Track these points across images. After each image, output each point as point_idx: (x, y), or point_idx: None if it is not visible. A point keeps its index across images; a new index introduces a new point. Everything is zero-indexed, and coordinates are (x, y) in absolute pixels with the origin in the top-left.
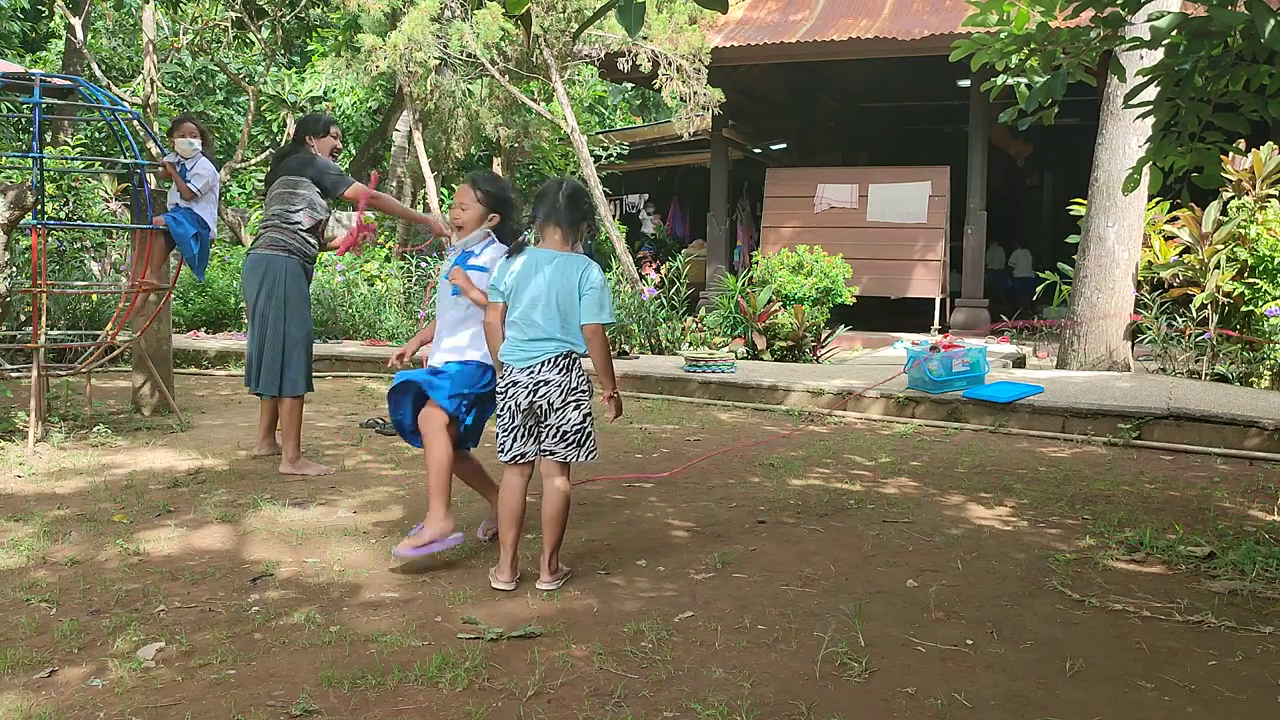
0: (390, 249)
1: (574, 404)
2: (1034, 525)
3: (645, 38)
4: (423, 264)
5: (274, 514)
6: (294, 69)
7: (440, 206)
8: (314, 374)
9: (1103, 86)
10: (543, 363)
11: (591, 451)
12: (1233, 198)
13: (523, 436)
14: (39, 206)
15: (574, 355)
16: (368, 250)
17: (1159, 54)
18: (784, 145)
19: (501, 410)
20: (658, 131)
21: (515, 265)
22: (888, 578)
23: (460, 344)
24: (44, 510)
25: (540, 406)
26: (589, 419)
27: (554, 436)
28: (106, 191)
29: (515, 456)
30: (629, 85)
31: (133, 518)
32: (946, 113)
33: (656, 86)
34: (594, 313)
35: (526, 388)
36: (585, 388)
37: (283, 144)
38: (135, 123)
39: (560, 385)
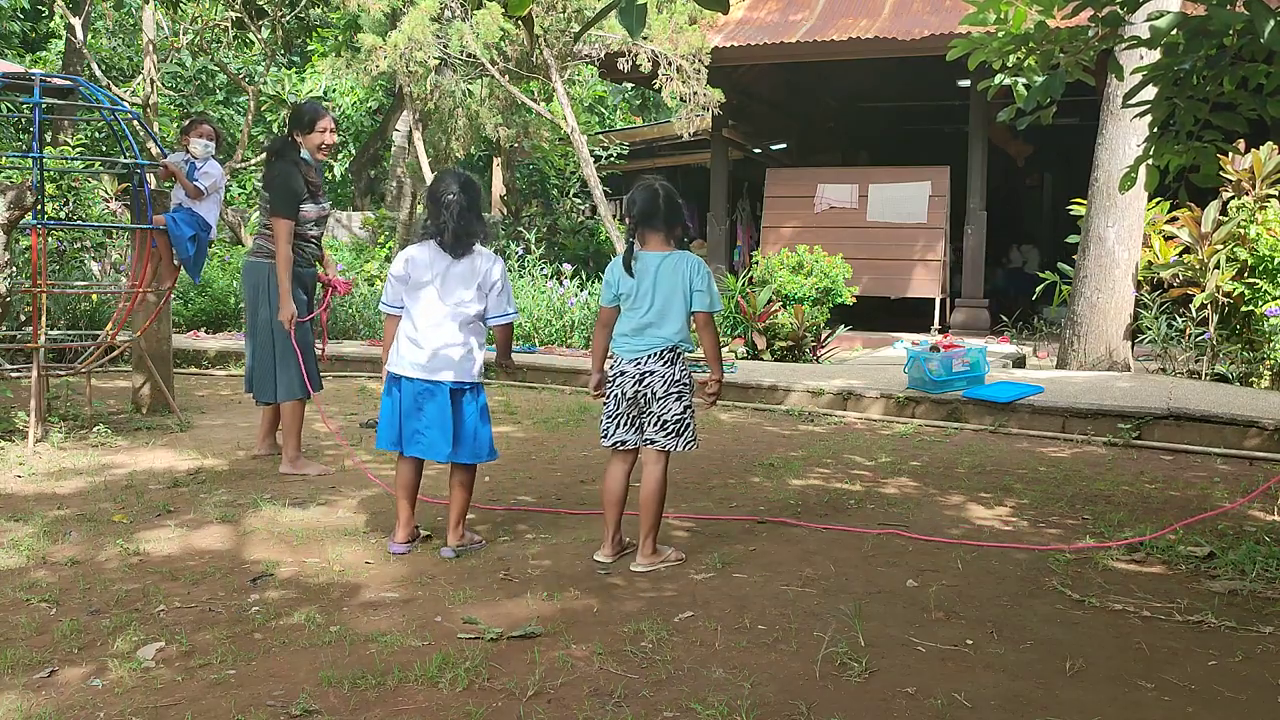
0: (390, 249)
1: (675, 395)
2: (1034, 525)
3: (645, 38)
4: None
5: (274, 514)
6: (294, 69)
7: None
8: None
9: (1102, 86)
10: (649, 355)
11: (690, 443)
12: (1232, 197)
13: (625, 425)
14: (39, 206)
15: (678, 351)
16: (368, 250)
17: (1158, 53)
18: (784, 145)
19: (609, 398)
20: (658, 131)
21: (625, 270)
22: (888, 578)
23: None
24: (44, 510)
25: (645, 396)
26: (689, 411)
27: (656, 425)
28: (106, 191)
29: (616, 443)
30: (629, 85)
31: (133, 518)
32: (946, 113)
33: (656, 86)
34: (706, 302)
35: (634, 378)
36: (688, 382)
37: (274, 138)
38: (135, 123)
39: (665, 376)
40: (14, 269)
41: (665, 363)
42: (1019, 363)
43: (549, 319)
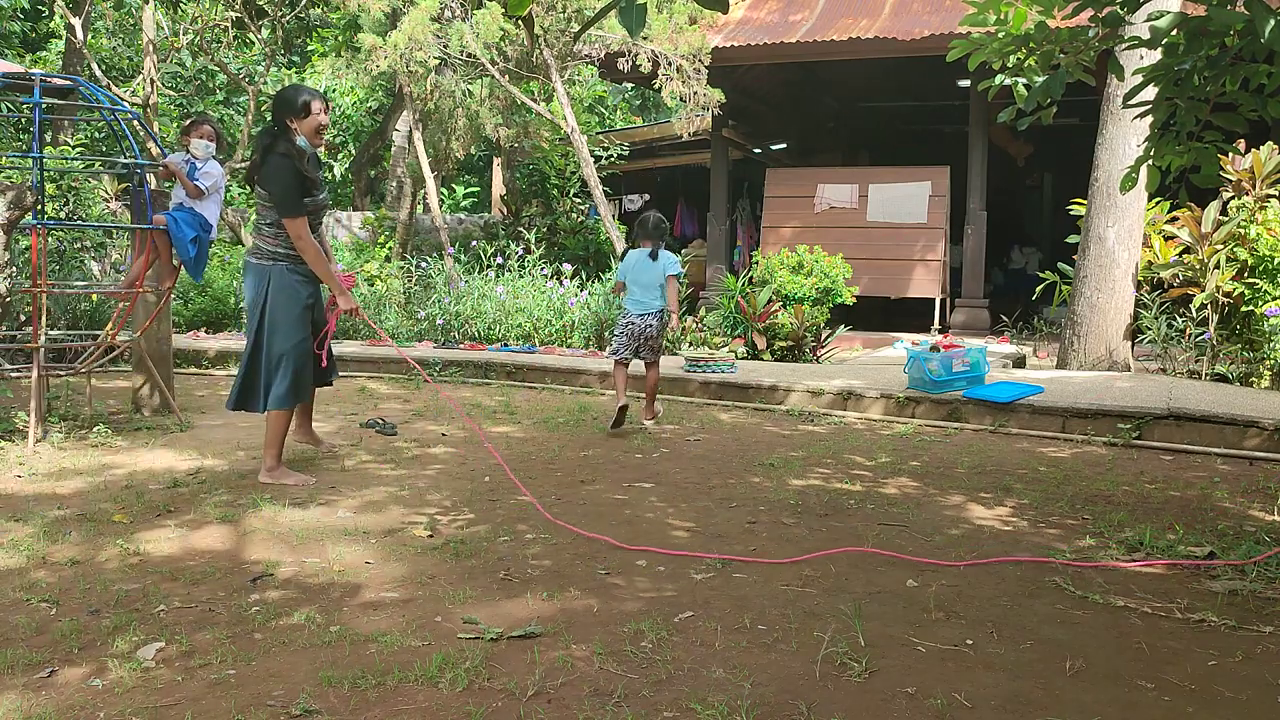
0: (390, 249)
1: (661, 333)
2: (1034, 525)
3: (645, 38)
4: (423, 264)
5: (274, 514)
6: (294, 69)
7: (440, 206)
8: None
9: (1102, 86)
10: (652, 313)
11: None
12: (1233, 198)
13: (631, 348)
14: (39, 206)
15: (664, 310)
16: (367, 250)
17: (1158, 53)
18: (784, 145)
19: (621, 333)
20: (658, 131)
21: (631, 260)
22: (888, 578)
23: None
24: (44, 510)
25: (646, 334)
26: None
27: (650, 350)
28: (106, 191)
29: (626, 356)
30: (629, 85)
31: (133, 518)
32: (946, 113)
33: (656, 86)
34: (675, 269)
35: (640, 323)
36: (664, 326)
37: (264, 130)
38: (135, 123)
39: (656, 326)
40: (14, 269)
41: (657, 318)
42: (1019, 363)
43: (549, 319)
